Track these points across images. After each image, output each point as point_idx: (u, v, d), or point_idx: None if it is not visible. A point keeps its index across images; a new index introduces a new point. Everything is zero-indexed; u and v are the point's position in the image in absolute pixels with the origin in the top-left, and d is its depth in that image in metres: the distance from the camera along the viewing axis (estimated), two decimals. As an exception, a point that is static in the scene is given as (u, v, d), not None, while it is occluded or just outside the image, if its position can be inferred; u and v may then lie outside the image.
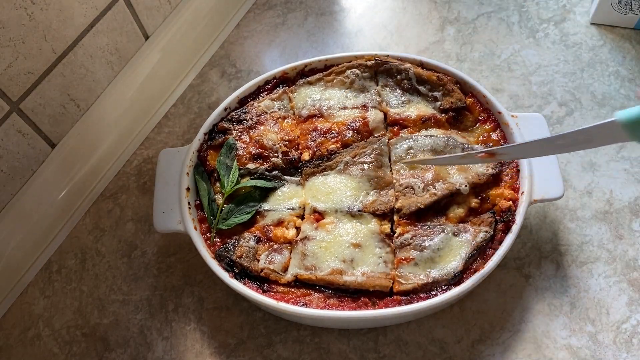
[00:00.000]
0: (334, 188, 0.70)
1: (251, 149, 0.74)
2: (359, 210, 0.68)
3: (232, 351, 0.70)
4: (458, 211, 0.67)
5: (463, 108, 0.74)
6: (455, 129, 0.74)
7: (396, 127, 0.74)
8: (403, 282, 0.63)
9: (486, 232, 0.64)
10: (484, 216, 0.66)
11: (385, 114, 0.75)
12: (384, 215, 0.68)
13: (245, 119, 0.76)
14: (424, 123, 0.73)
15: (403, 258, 0.64)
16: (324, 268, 0.64)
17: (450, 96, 0.75)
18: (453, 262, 0.63)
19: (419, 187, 0.68)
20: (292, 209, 0.70)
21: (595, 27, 0.92)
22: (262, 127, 0.75)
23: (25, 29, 0.67)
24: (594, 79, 0.87)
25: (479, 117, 0.74)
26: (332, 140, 0.73)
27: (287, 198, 0.70)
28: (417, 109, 0.75)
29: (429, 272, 0.63)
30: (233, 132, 0.75)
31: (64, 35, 0.72)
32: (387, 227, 0.67)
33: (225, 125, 0.76)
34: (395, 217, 0.68)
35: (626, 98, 0.85)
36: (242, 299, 0.73)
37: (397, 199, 0.68)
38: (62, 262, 0.80)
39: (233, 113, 0.77)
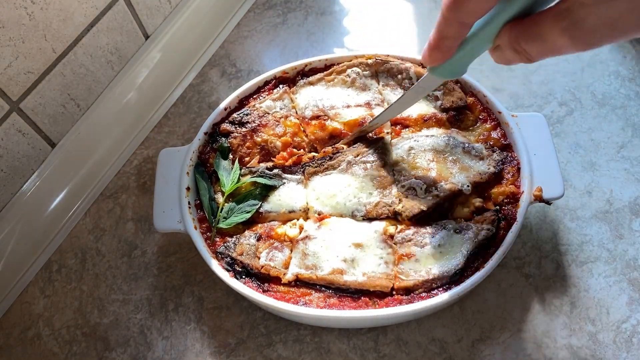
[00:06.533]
0: (337, 190, 0.69)
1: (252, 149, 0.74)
2: (363, 217, 0.68)
3: (232, 351, 0.70)
4: (463, 211, 0.67)
5: (464, 107, 0.74)
6: (456, 128, 0.74)
7: (398, 127, 0.74)
8: (404, 278, 0.63)
9: (488, 229, 0.64)
10: (487, 214, 0.66)
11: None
12: (387, 217, 0.68)
13: (247, 122, 0.75)
14: (425, 122, 0.73)
15: (404, 254, 0.64)
16: (324, 267, 0.64)
17: (451, 95, 0.75)
18: (454, 260, 0.63)
19: (420, 188, 0.68)
20: (294, 211, 0.69)
21: (595, 27, 0.92)
22: (264, 130, 0.75)
23: (25, 28, 0.67)
24: (594, 78, 0.87)
25: (480, 117, 0.74)
26: (338, 139, 0.74)
27: (288, 198, 0.70)
28: (419, 108, 0.75)
29: (430, 268, 0.63)
30: (236, 135, 0.75)
31: (64, 35, 0.72)
32: (389, 228, 0.67)
33: (228, 128, 0.75)
34: (398, 218, 0.68)
35: (626, 98, 0.85)
36: (242, 299, 0.73)
37: (399, 201, 0.68)
38: (62, 261, 0.80)
39: (235, 115, 0.76)
